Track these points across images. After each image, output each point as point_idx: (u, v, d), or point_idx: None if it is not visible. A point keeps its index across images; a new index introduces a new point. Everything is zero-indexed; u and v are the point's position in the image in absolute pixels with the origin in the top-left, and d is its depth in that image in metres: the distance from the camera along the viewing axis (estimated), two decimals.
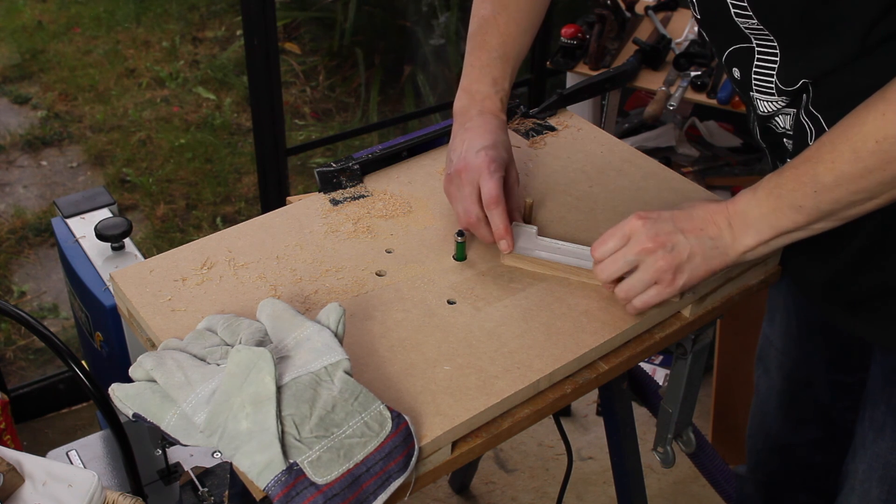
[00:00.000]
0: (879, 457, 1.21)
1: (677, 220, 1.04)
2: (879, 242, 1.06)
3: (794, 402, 1.46)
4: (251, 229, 1.23)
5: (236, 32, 4.05)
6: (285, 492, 0.84)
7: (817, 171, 0.94)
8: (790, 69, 1.02)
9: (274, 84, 2.15)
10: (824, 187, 0.94)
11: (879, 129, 0.89)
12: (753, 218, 1.01)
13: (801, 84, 1.02)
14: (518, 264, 1.18)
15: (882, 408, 1.20)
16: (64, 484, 1.02)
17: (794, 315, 1.40)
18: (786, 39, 1.00)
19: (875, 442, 1.21)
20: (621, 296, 1.07)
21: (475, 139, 1.17)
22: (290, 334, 0.96)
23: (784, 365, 1.44)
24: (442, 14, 3.48)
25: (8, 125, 3.56)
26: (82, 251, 1.58)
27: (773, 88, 1.06)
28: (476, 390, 0.99)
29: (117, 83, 3.79)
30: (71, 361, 1.25)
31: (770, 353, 1.47)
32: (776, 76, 1.04)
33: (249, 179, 3.32)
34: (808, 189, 0.95)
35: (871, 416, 1.22)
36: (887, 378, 1.19)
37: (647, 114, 2.27)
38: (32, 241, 3.00)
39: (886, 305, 1.10)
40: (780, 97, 1.06)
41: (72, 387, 2.38)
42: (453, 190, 1.17)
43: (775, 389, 1.48)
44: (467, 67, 1.22)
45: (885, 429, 1.19)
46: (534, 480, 2.26)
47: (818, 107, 1.03)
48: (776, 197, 0.99)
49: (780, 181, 0.98)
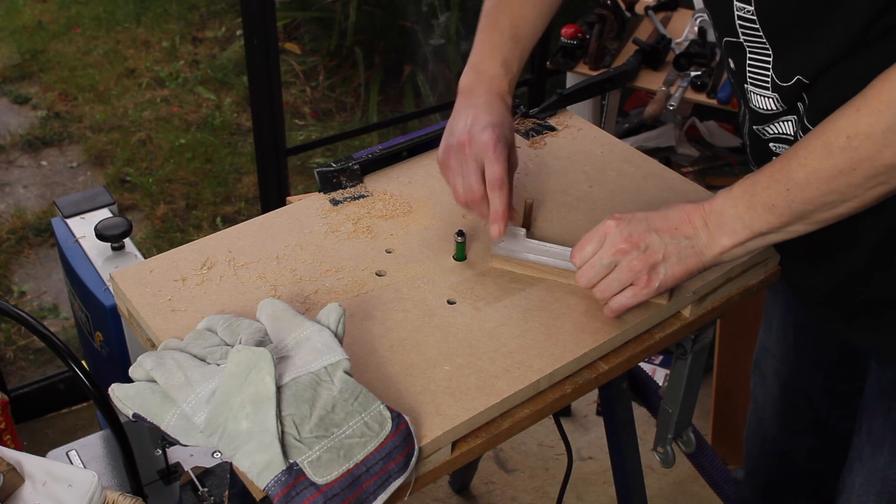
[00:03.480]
0: (877, 471, 1.19)
1: (651, 220, 1.03)
2: (883, 253, 1.04)
3: (791, 409, 1.45)
4: (251, 229, 1.23)
5: (236, 32, 4.05)
6: (285, 492, 0.84)
7: (791, 167, 0.94)
8: (785, 64, 1.00)
9: (274, 84, 2.15)
10: (796, 185, 0.93)
11: (851, 125, 0.88)
12: (728, 217, 0.99)
13: (795, 80, 1.00)
14: (505, 266, 1.17)
15: (880, 421, 1.18)
16: (64, 484, 1.02)
17: (791, 323, 1.39)
18: (778, 30, 0.98)
19: (873, 456, 1.19)
20: (598, 296, 1.07)
21: (481, 115, 1.13)
22: (290, 334, 0.96)
23: (780, 372, 1.43)
24: (442, 14, 3.48)
25: (8, 125, 3.56)
26: (82, 251, 1.58)
27: (769, 83, 1.04)
28: (476, 390, 0.99)
29: (117, 83, 3.80)
30: (71, 361, 1.25)
31: (766, 360, 1.46)
32: (772, 70, 1.02)
33: (249, 179, 3.32)
34: (781, 187, 0.94)
35: (869, 430, 1.20)
36: (885, 391, 1.17)
37: (647, 114, 2.27)
38: (32, 241, 3.00)
39: (885, 315, 1.09)
40: (776, 93, 1.04)
41: (72, 387, 2.38)
42: (453, 163, 1.14)
43: (771, 397, 1.47)
44: (477, 45, 1.19)
45: (884, 443, 1.18)
46: (534, 480, 2.26)
47: (814, 121, 1.00)
48: (750, 195, 0.98)
49: (756, 179, 0.97)
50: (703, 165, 2.59)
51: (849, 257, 1.07)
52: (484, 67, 1.18)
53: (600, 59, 2.33)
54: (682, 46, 2.33)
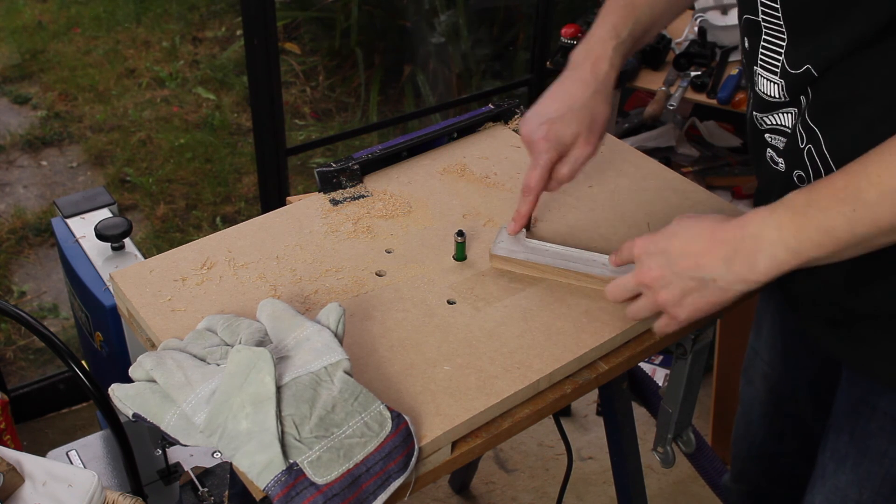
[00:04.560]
0: (838, 490, 1.14)
1: (672, 253, 0.97)
2: (866, 266, 0.98)
3: (777, 414, 1.43)
4: (251, 229, 1.23)
5: (236, 32, 4.05)
6: (285, 492, 0.84)
7: (859, 186, 0.83)
8: (798, 50, 0.97)
9: (274, 84, 2.15)
10: (866, 205, 0.83)
11: None
12: (768, 243, 0.89)
13: (804, 69, 0.96)
14: (505, 266, 1.17)
15: (845, 438, 1.14)
16: (64, 484, 1.02)
17: (780, 329, 1.37)
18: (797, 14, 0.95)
19: (835, 474, 1.15)
20: (630, 317, 1.07)
21: (551, 102, 1.14)
22: (290, 334, 0.96)
23: (769, 377, 1.41)
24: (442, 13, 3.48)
25: (8, 125, 3.56)
26: (82, 251, 1.58)
27: (779, 69, 1.00)
28: (476, 390, 0.99)
29: (117, 83, 3.80)
30: (71, 361, 1.25)
31: (755, 363, 1.44)
32: (784, 55, 0.98)
33: (249, 179, 3.32)
34: (846, 208, 0.84)
35: (833, 447, 1.16)
36: (854, 407, 1.13)
37: (647, 114, 2.27)
38: (32, 241, 3.00)
39: (860, 327, 1.06)
40: (783, 80, 1.00)
41: (72, 387, 2.38)
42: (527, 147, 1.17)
43: (759, 400, 1.45)
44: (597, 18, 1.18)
45: (847, 460, 1.13)
46: (534, 480, 2.26)
47: (814, 117, 0.99)
48: (802, 216, 0.87)
49: (811, 198, 0.87)
50: (703, 165, 2.59)
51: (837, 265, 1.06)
52: (592, 33, 1.16)
53: None
54: (682, 46, 2.33)
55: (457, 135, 1.43)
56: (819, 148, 0.99)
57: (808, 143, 1.00)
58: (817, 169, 1.00)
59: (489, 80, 3.56)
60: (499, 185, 1.33)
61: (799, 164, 1.03)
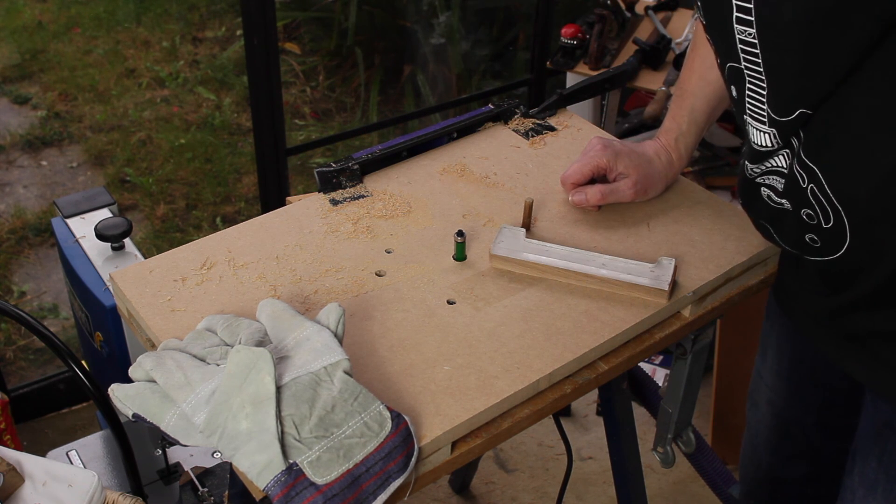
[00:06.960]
0: None
1: None
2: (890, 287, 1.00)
3: (784, 438, 1.42)
4: (251, 229, 1.23)
5: (236, 32, 4.05)
6: (285, 492, 0.84)
7: None
8: (780, 97, 0.97)
9: (274, 84, 2.15)
10: None
11: None
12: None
13: (798, 114, 0.96)
14: (505, 266, 1.17)
15: (873, 463, 1.14)
16: (64, 484, 1.02)
17: (786, 355, 1.35)
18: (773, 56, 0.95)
19: (865, 499, 1.15)
20: None
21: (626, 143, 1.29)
22: (290, 334, 0.96)
23: (774, 402, 1.40)
24: (442, 14, 3.48)
25: (8, 125, 3.56)
26: (82, 251, 1.58)
27: (765, 117, 1.01)
28: (476, 390, 0.99)
29: (117, 83, 3.80)
30: (71, 361, 1.25)
31: (760, 388, 1.42)
32: (767, 104, 0.99)
33: (249, 179, 3.32)
34: None
35: (862, 472, 1.16)
36: (879, 432, 1.13)
37: (647, 114, 2.27)
38: (32, 241, 3.00)
39: (883, 350, 1.06)
40: (773, 128, 1.01)
41: (72, 387, 2.38)
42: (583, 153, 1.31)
43: (764, 425, 1.43)
44: None
45: (877, 486, 1.13)
46: (534, 480, 2.26)
47: (810, 156, 0.98)
48: None
49: None
50: (703, 165, 2.59)
51: (860, 286, 1.03)
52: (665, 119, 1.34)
53: (600, 59, 2.33)
54: (682, 46, 2.33)
55: (457, 135, 1.43)
56: (821, 187, 0.98)
57: (810, 183, 0.99)
58: (824, 208, 0.99)
59: (489, 81, 3.56)
60: (499, 185, 1.33)
61: (804, 203, 1.02)
